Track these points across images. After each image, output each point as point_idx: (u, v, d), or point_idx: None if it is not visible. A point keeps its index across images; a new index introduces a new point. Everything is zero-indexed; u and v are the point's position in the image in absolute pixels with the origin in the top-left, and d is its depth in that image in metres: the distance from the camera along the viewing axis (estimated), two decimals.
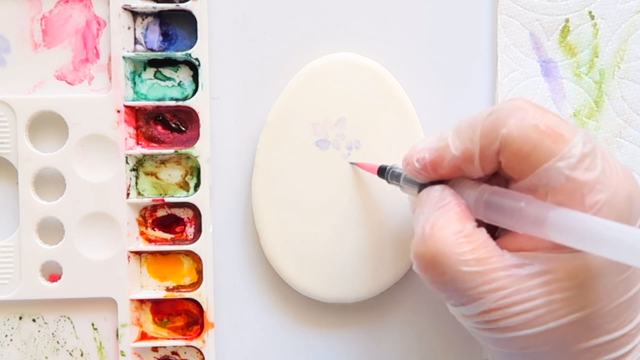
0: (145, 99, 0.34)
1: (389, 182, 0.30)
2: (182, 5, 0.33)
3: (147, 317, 0.34)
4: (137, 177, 0.34)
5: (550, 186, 0.23)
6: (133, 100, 0.34)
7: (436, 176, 0.27)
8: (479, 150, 0.25)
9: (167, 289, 0.35)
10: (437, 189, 0.26)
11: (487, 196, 0.25)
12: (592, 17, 0.34)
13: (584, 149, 0.23)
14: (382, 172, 0.31)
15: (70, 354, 0.34)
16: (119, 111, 0.33)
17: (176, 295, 0.34)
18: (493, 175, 0.26)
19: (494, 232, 0.26)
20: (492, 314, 0.23)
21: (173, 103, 0.34)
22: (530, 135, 0.23)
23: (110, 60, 0.34)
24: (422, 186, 0.27)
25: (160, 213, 0.35)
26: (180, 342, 0.34)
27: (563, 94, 0.34)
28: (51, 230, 0.34)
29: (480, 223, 0.25)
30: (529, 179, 0.24)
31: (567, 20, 0.34)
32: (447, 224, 0.24)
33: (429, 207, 0.25)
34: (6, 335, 0.34)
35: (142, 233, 0.34)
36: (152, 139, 0.34)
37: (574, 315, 0.23)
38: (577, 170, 0.23)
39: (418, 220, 0.26)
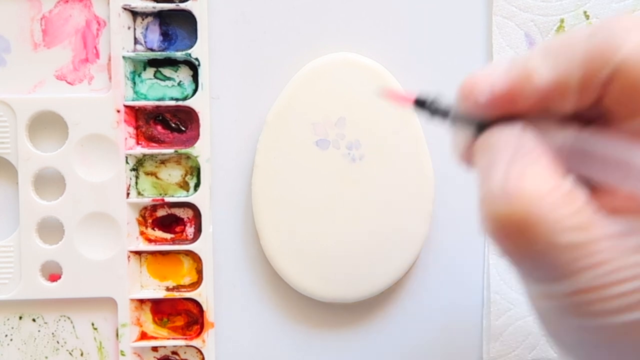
0: (145, 98, 0.34)
1: (430, 117, 0.23)
2: (182, 5, 0.33)
3: (147, 317, 0.34)
4: (137, 177, 0.34)
5: None
6: (133, 100, 0.34)
7: (506, 113, 0.20)
8: (580, 77, 0.19)
9: (167, 289, 0.35)
10: (515, 129, 0.20)
11: (584, 142, 0.19)
12: (587, 17, 0.34)
13: None
14: (420, 104, 0.23)
15: (70, 353, 0.34)
16: (119, 111, 0.33)
17: (176, 295, 0.34)
18: (574, 117, 0.21)
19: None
20: (589, 294, 0.18)
21: (173, 103, 0.34)
22: None
23: (110, 60, 0.34)
24: (481, 127, 0.21)
25: (160, 213, 0.35)
26: (180, 342, 0.34)
27: None
28: (51, 230, 0.34)
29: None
30: None
31: (562, 21, 0.34)
32: (539, 176, 0.18)
33: (506, 154, 0.19)
34: (6, 335, 0.34)
35: (142, 233, 0.34)
36: (152, 139, 0.35)
37: None
38: None
39: (491, 170, 0.19)
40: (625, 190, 0.19)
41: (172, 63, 0.34)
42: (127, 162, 0.34)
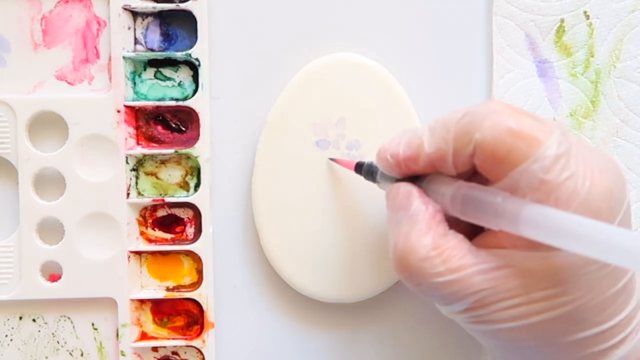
0: (146, 99, 0.34)
1: (365, 178, 0.30)
2: (182, 5, 0.33)
3: (147, 317, 0.34)
4: (137, 177, 0.34)
5: (526, 188, 0.23)
6: (133, 100, 0.34)
7: (410, 172, 0.27)
8: (452, 151, 0.25)
9: (167, 289, 0.35)
10: (403, 189, 0.26)
11: (464, 191, 0.25)
12: (587, 17, 0.34)
13: (558, 150, 0.23)
14: (359, 168, 0.30)
15: (71, 354, 0.34)
16: (119, 111, 0.33)
17: (176, 295, 0.34)
18: (472, 174, 0.26)
19: (474, 229, 0.26)
20: (475, 311, 0.24)
21: (173, 103, 0.34)
22: (504, 139, 0.23)
23: (110, 60, 0.34)
24: (398, 182, 0.27)
25: (161, 213, 0.35)
26: (180, 342, 0.34)
27: (559, 94, 0.34)
28: (51, 230, 0.34)
29: (457, 221, 0.25)
30: (504, 181, 0.24)
31: (562, 21, 0.34)
32: (416, 236, 0.25)
33: (398, 212, 0.26)
34: (6, 335, 0.34)
35: (142, 233, 0.34)
36: (152, 139, 0.35)
37: (556, 311, 0.23)
38: (550, 172, 0.23)
39: (391, 226, 0.26)
40: (496, 228, 0.24)
41: (173, 63, 0.34)
42: (127, 162, 0.34)
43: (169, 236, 0.35)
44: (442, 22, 0.34)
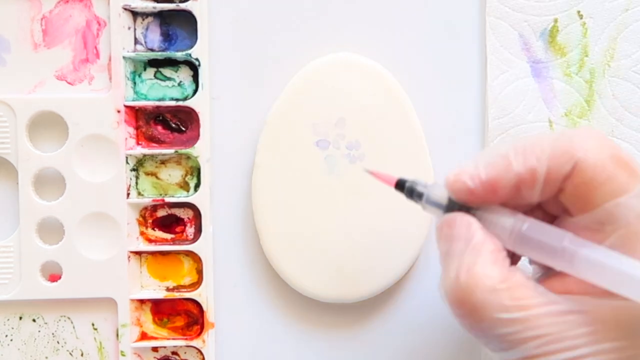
0: (146, 99, 0.34)
1: (406, 197, 0.27)
2: (182, 5, 0.33)
3: (147, 317, 0.34)
4: (137, 177, 0.34)
5: (620, 221, 0.22)
6: (133, 100, 0.34)
7: (487, 199, 0.24)
8: (545, 170, 0.23)
9: (167, 289, 0.35)
10: (464, 220, 0.24)
11: (526, 226, 0.23)
12: (581, 17, 0.34)
13: None
14: (400, 186, 0.27)
15: (71, 354, 0.34)
16: (119, 111, 0.33)
17: (176, 295, 0.34)
18: (530, 209, 0.25)
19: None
20: (534, 359, 0.22)
21: (173, 103, 0.34)
22: (606, 165, 0.22)
23: (110, 60, 0.34)
24: (448, 209, 0.25)
25: (161, 213, 0.35)
26: (180, 342, 0.34)
27: (554, 94, 0.34)
28: (51, 230, 0.34)
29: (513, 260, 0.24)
30: (593, 212, 0.22)
31: (555, 20, 0.34)
32: (482, 268, 0.23)
33: (455, 243, 0.24)
34: (6, 335, 0.34)
35: (142, 233, 0.34)
36: (152, 139, 0.35)
37: None
38: None
39: (448, 258, 0.24)
40: (557, 269, 0.22)
41: (173, 63, 0.34)
42: (127, 163, 0.34)
43: (169, 236, 0.35)
44: (437, 23, 0.34)
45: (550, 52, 0.34)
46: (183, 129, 0.34)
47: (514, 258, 0.25)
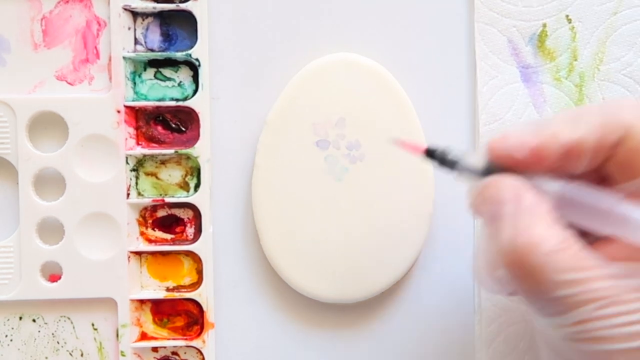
0: (146, 99, 0.34)
1: (438, 165, 0.26)
2: (182, 6, 0.33)
3: (147, 317, 0.34)
4: (137, 177, 0.34)
5: None
6: (133, 101, 0.34)
7: (534, 165, 0.24)
8: (596, 138, 0.23)
9: (167, 289, 0.35)
10: (512, 183, 0.24)
11: (576, 190, 0.23)
12: (570, 21, 0.34)
13: None
14: (430, 153, 0.26)
15: (70, 354, 0.34)
16: (119, 111, 0.33)
17: (176, 295, 0.34)
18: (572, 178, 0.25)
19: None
20: (591, 323, 0.22)
21: (173, 103, 0.34)
22: None
23: (110, 60, 0.34)
24: (484, 176, 0.25)
25: (161, 213, 0.35)
26: (180, 342, 0.34)
27: (544, 98, 0.34)
28: (51, 230, 0.34)
29: None
30: None
31: (544, 25, 0.34)
32: (540, 229, 0.22)
33: (504, 205, 0.23)
34: (6, 336, 0.34)
35: (142, 233, 0.34)
36: (152, 139, 0.35)
37: None
38: None
39: (496, 221, 0.23)
40: (609, 233, 0.22)
41: (173, 63, 0.34)
42: (127, 163, 0.34)
43: (169, 236, 0.35)
44: (430, 26, 0.34)
45: (540, 56, 0.34)
46: (183, 129, 0.34)
47: None
